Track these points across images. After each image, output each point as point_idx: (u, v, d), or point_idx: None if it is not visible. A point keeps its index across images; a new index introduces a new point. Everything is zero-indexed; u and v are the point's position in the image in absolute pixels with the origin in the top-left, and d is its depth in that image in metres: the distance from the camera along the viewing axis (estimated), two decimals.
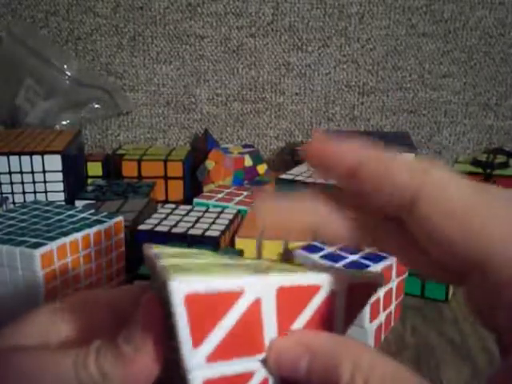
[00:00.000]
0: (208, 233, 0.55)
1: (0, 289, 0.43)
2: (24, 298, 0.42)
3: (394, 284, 0.49)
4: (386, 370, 0.20)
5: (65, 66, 0.87)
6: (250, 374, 0.23)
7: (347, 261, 0.47)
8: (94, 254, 0.46)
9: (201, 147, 0.86)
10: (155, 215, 0.60)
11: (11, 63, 0.87)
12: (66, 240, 0.43)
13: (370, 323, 0.45)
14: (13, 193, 0.67)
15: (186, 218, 0.59)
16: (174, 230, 0.55)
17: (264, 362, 0.23)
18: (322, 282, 0.24)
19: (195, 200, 0.67)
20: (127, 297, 0.27)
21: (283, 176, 0.64)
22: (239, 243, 0.57)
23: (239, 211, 0.63)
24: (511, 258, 0.19)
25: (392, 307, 0.50)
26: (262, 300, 0.23)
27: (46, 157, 0.66)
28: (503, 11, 0.88)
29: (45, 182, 0.67)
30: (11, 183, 0.66)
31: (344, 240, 0.24)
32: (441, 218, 0.20)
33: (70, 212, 0.49)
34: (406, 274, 0.52)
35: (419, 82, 0.91)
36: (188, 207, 0.63)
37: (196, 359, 0.22)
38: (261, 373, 0.23)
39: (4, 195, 0.65)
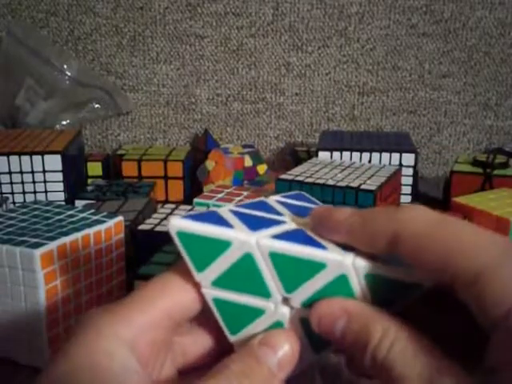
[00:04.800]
0: None
1: (0, 289, 0.43)
2: (24, 298, 0.42)
3: None
4: (410, 339, 0.24)
5: (65, 66, 0.87)
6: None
7: None
8: (94, 254, 0.46)
9: (201, 147, 0.86)
10: (155, 215, 0.60)
11: (11, 63, 0.87)
12: (66, 240, 0.43)
13: None
14: (13, 193, 0.67)
15: None
16: None
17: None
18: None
19: (195, 200, 0.67)
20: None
21: (283, 176, 0.64)
22: None
23: None
24: (471, 258, 0.23)
25: None
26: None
27: (45, 157, 0.66)
28: (503, 11, 0.88)
29: (45, 181, 0.67)
30: (11, 183, 0.66)
31: None
32: (417, 246, 0.24)
33: (70, 212, 0.49)
34: None
35: (419, 82, 0.92)
36: (188, 207, 0.63)
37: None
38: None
39: (4, 195, 0.65)
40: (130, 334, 0.24)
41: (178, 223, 0.24)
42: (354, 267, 0.24)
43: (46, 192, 0.67)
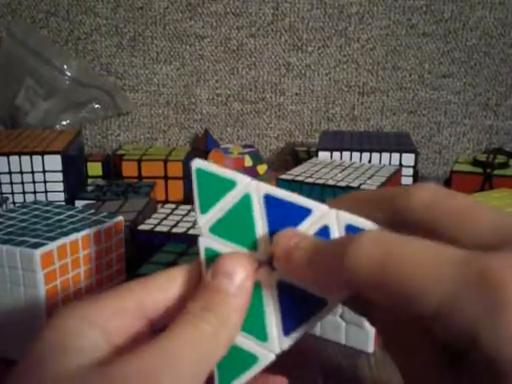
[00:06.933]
0: None
1: (0, 289, 0.43)
2: (24, 298, 0.42)
3: None
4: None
5: (65, 66, 0.87)
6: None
7: None
8: (94, 254, 0.46)
9: (201, 147, 0.86)
10: (155, 215, 0.60)
11: (11, 63, 0.87)
12: (66, 240, 0.43)
13: None
14: (13, 193, 0.67)
15: (185, 218, 0.59)
16: (174, 230, 0.55)
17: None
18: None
19: None
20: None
21: (283, 176, 0.64)
22: None
23: None
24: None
25: None
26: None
27: (46, 157, 0.66)
28: (503, 11, 0.88)
29: (45, 182, 0.67)
30: (11, 183, 0.66)
31: None
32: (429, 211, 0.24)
33: (70, 212, 0.49)
34: None
35: (419, 82, 0.92)
36: (188, 207, 0.63)
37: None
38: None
39: (4, 195, 0.65)
40: (102, 317, 0.25)
41: (200, 162, 0.28)
42: (336, 217, 0.26)
43: (46, 192, 0.67)
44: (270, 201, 0.26)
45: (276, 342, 0.26)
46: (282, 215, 0.26)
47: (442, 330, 0.20)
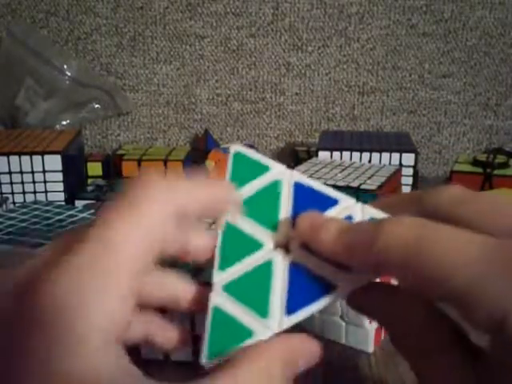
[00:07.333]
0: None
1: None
2: None
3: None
4: None
5: (65, 66, 0.87)
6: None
7: None
8: None
9: (201, 147, 0.86)
10: None
11: (11, 63, 0.87)
12: None
13: (370, 323, 0.45)
14: (13, 193, 0.67)
15: None
16: None
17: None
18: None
19: None
20: None
21: None
22: None
23: None
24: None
25: None
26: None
27: (46, 157, 0.66)
28: (503, 11, 0.88)
29: (45, 182, 0.67)
30: (11, 183, 0.66)
31: None
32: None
33: (70, 212, 0.49)
34: None
35: (419, 82, 0.92)
36: None
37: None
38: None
39: (4, 195, 0.65)
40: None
41: (240, 146, 0.30)
42: (362, 209, 0.26)
43: (46, 192, 0.67)
44: (299, 188, 0.28)
45: (276, 320, 0.26)
46: (309, 203, 0.27)
47: (469, 310, 0.20)
